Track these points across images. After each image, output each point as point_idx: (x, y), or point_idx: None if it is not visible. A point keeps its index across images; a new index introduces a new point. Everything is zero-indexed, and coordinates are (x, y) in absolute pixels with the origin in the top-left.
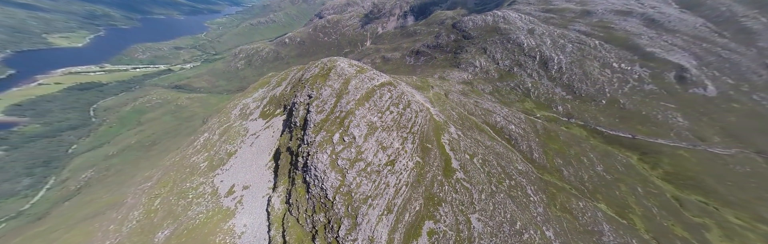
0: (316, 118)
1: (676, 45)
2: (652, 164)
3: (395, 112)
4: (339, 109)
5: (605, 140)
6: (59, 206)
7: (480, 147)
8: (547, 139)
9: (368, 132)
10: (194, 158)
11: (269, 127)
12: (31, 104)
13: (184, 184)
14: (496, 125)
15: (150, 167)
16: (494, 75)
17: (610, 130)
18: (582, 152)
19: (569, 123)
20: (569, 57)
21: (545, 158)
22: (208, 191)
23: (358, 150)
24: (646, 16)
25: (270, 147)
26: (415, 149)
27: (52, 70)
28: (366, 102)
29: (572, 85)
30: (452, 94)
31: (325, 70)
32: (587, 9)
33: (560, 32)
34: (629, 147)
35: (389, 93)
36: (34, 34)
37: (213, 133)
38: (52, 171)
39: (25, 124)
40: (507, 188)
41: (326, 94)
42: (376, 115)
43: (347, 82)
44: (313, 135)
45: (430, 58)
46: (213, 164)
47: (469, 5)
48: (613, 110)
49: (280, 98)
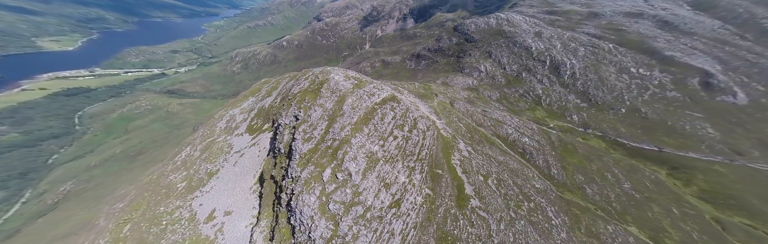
0: (303, 147)
1: (696, 48)
2: (685, 180)
3: (400, 136)
4: (331, 136)
5: (628, 152)
6: (32, 224)
7: (493, 164)
8: (565, 152)
9: (368, 166)
10: (172, 177)
11: (256, 144)
12: (11, 112)
13: (158, 207)
14: (508, 137)
15: (131, 181)
16: (501, 81)
17: (633, 142)
18: (605, 166)
19: (586, 134)
20: (583, 61)
21: (564, 174)
22: (185, 216)
23: (354, 191)
24: (659, 18)
25: (255, 168)
26: (424, 178)
27: (38, 75)
28: (365, 126)
29: (587, 92)
30: (458, 103)
31: (316, 85)
32: (594, 11)
33: (570, 35)
34: (656, 161)
35: (392, 112)
36: (22, 37)
37: (194, 148)
38: (29, 183)
39: (2, 133)
40: (526, 213)
41: (316, 116)
42: (377, 144)
43: (342, 100)
44: (298, 169)
45: (431, 62)
46: (192, 185)
47: (470, 8)
48: (635, 120)
49: (269, 111)
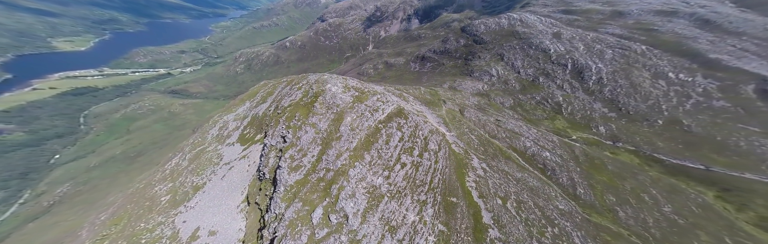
0: (289, 178)
1: (748, 51)
2: (738, 204)
3: (409, 163)
4: (325, 165)
5: (666, 170)
6: (23, 228)
7: (511, 183)
8: (592, 168)
9: (369, 205)
10: (157, 188)
11: (246, 157)
12: (19, 111)
13: (139, 223)
14: (526, 151)
15: (124, 185)
16: (515, 86)
17: (673, 158)
18: (640, 186)
19: (615, 148)
20: (611, 65)
21: (592, 193)
22: (166, 234)
23: (351, 238)
24: (697, 16)
25: (244, 184)
26: (436, 212)
27: (50, 74)
28: (366, 153)
29: (616, 100)
30: (468, 111)
31: (309, 97)
32: (618, 9)
33: (594, 36)
34: (702, 181)
35: (399, 132)
36: (38, 38)
37: (183, 157)
38: (29, 184)
39: (9, 132)
40: (551, 241)
41: (307, 139)
42: (381, 175)
43: (340, 118)
44: (282, 205)
45: (437, 65)
46: (176, 199)
47: (477, 8)
48: (675, 133)
49: (262, 120)
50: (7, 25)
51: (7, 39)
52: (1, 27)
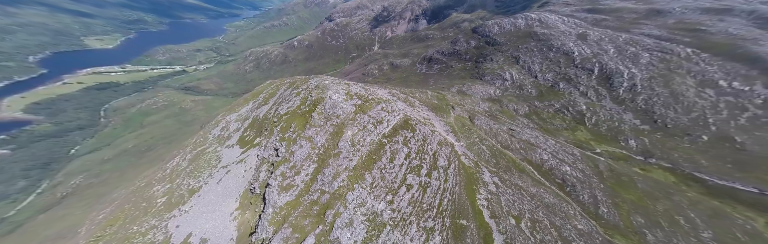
0: (278, 199)
1: None
2: None
3: (415, 185)
4: (320, 186)
5: (708, 191)
6: (34, 219)
7: (525, 200)
8: (618, 185)
9: (368, 236)
10: (156, 188)
11: (243, 161)
12: (49, 103)
13: (132, 226)
14: (543, 164)
15: (131, 180)
16: (531, 91)
17: (719, 179)
18: (675, 207)
19: (647, 164)
20: (647, 71)
21: (617, 213)
22: (158, 239)
23: None
24: (758, 14)
25: (238, 190)
26: (444, 240)
27: (79, 69)
28: (367, 173)
29: (651, 111)
30: (479, 119)
31: (307, 105)
32: (655, 8)
33: (627, 37)
34: (754, 206)
35: (406, 148)
36: (73, 36)
37: (184, 157)
38: (48, 174)
39: (38, 122)
40: None
41: (301, 155)
42: (384, 199)
43: (339, 131)
44: (270, 229)
45: (445, 67)
46: (172, 202)
47: (490, 8)
48: (723, 151)
49: (263, 122)
50: (49, 25)
51: (47, 37)
52: (44, 26)
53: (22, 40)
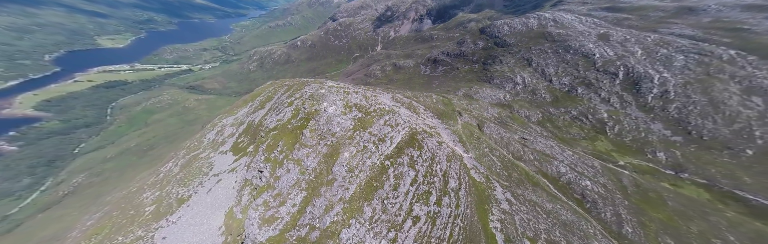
0: (260, 234)
1: None
2: None
3: (423, 215)
4: (309, 220)
5: (751, 211)
6: (33, 218)
7: (540, 217)
8: (644, 203)
9: None
10: (145, 195)
11: (235, 170)
12: (59, 100)
13: (117, 236)
14: (560, 178)
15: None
16: (545, 97)
17: (765, 198)
18: (713, 229)
19: (678, 179)
20: (682, 75)
21: (643, 233)
22: None
23: None
24: None
25: (228, 202)
26: None
27: (90, 68)
28: (367, 204)
29: (685, 121)
30: (488, 126)
31: (299, 120)
32: (686, 5)
33: (657, 38)
34: None
35: (412, 170)
36: (87, 36)
37: (176, 162)
38: (52, 172)
39: (47, 119)
40: None
41: (288, 181)
42: (386, 237)
43: (335, 152)
44: None
45: (450, 69)
46: (160, 211)
47: (498, 7)
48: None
49: (257, 128)
50: (65, 24)
51: (63, 37)
52: (61, 26)
53: (40, 40)
